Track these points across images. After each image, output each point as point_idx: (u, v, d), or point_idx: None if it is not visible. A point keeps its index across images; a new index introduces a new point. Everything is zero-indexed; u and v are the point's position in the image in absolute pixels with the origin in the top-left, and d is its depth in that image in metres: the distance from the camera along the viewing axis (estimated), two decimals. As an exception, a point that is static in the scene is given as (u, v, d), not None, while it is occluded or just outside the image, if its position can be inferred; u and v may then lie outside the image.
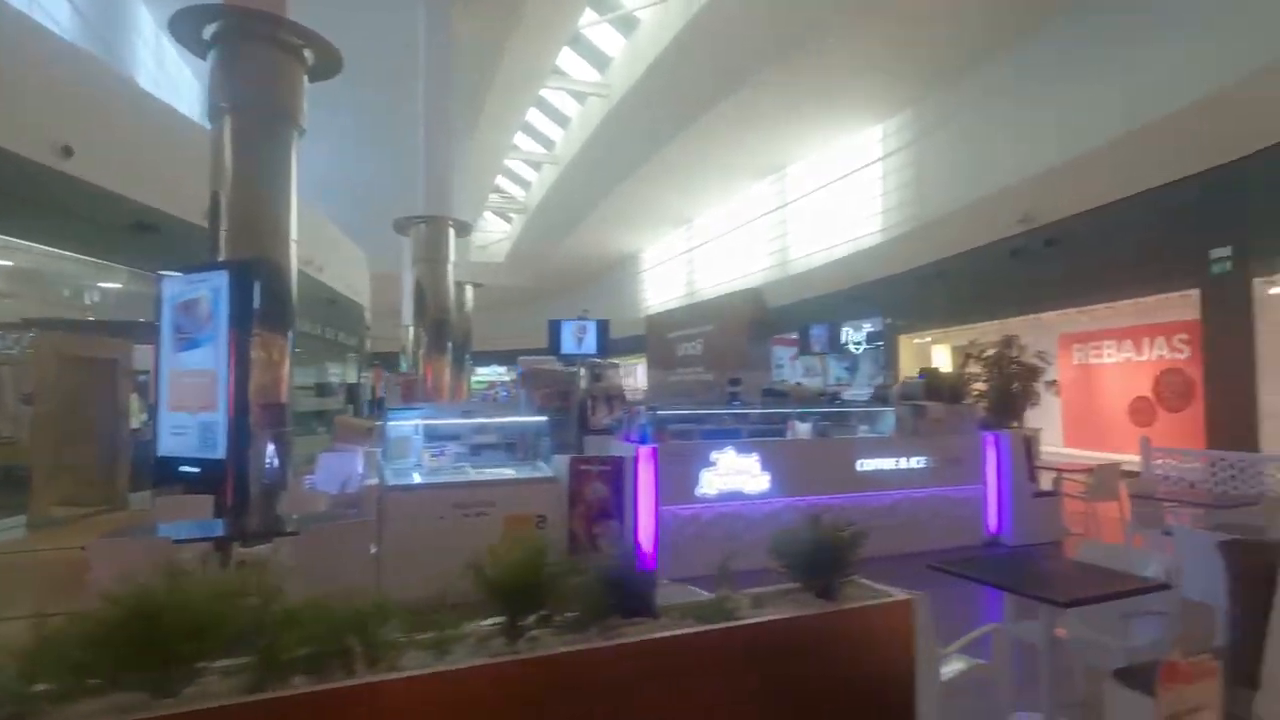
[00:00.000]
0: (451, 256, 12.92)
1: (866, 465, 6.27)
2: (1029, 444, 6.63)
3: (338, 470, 6.17)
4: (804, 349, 18.04)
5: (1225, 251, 9.23)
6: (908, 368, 16.03)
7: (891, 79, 14.88)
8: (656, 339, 25.71)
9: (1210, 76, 8.43)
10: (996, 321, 13.56)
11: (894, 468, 6.35)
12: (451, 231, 12.91)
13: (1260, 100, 8.28)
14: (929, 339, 16.14)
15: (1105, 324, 11.73)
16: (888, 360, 17.10)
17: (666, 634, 1.25)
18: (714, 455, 5.77)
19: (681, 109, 16.72)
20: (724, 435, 6.67)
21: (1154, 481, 6.06)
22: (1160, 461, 6.85)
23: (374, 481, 5.16)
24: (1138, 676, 2.33)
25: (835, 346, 13.42)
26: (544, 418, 5.84)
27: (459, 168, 14.13)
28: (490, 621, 1.18)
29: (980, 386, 9.75)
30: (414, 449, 5.57)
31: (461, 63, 13.63)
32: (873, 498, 6.27)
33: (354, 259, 18.28)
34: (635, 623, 1.24)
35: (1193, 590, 3.43)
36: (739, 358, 20.98)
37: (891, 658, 1.47)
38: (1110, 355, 11.67)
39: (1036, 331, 13.21)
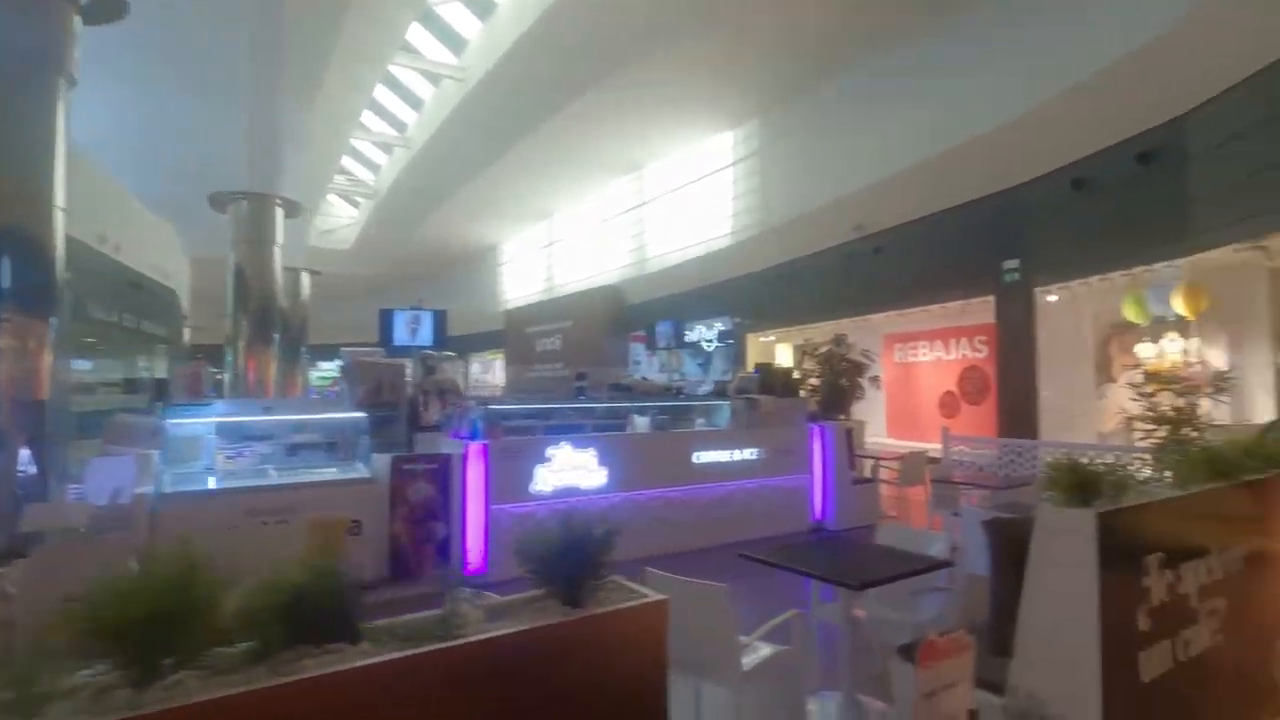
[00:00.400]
0: (279, 239, 11.72)
1: (703, 457, 6.37)
2: (850, 435, 7.07)
3: (109, 477, 5.29)
4: (651, 345, 18.30)
5: (1014, 263, 10.43)
6: (755, 364, 16.77)
7: (742, 88, 15.45)
8: (515, 334, 25.13)
9: (998, 110, 9.44)
10: (832, 322, 14.53)
11: (729, 459, 6.50)
12: (279, 211, 11.71)
13: (1035, 134, 9.39)
14: (773, 337, 16.99)
15: (921, 325, 12.91)
16: (736, 357, 17.83)
17: (365, 663, 1.04)
18: (550, 451, 5.58)
19: (540, 100, 16.35)
20: (566, 431, 6.52)
21: (951, 467, 6.67)
22: (957, 448, 7.55)
23: (146, 489, 4.44)
24: (915, 651, 2.43)
25: (680, 342, 13.69)
26: (363, 414, 5.35)
27: (292, 141, 12.85)
28: (109, 671, 0.90)
29: (814, 382, 10.35)
30: (205, 451, 4.88)
31: (296, 23, 12.39)
32: (709, 489, 6.38)
33: (164, 238, 16.15)
34: (332, 651, 1.02)
35: (974, 565, 3.73)
36: (597, 354, 21.00)
37: (644, 661, 1.36)
38: (924, 354, 12.86)
39: (865, 332, 14.30)
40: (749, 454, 6.59)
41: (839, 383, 9.70)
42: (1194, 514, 2.56)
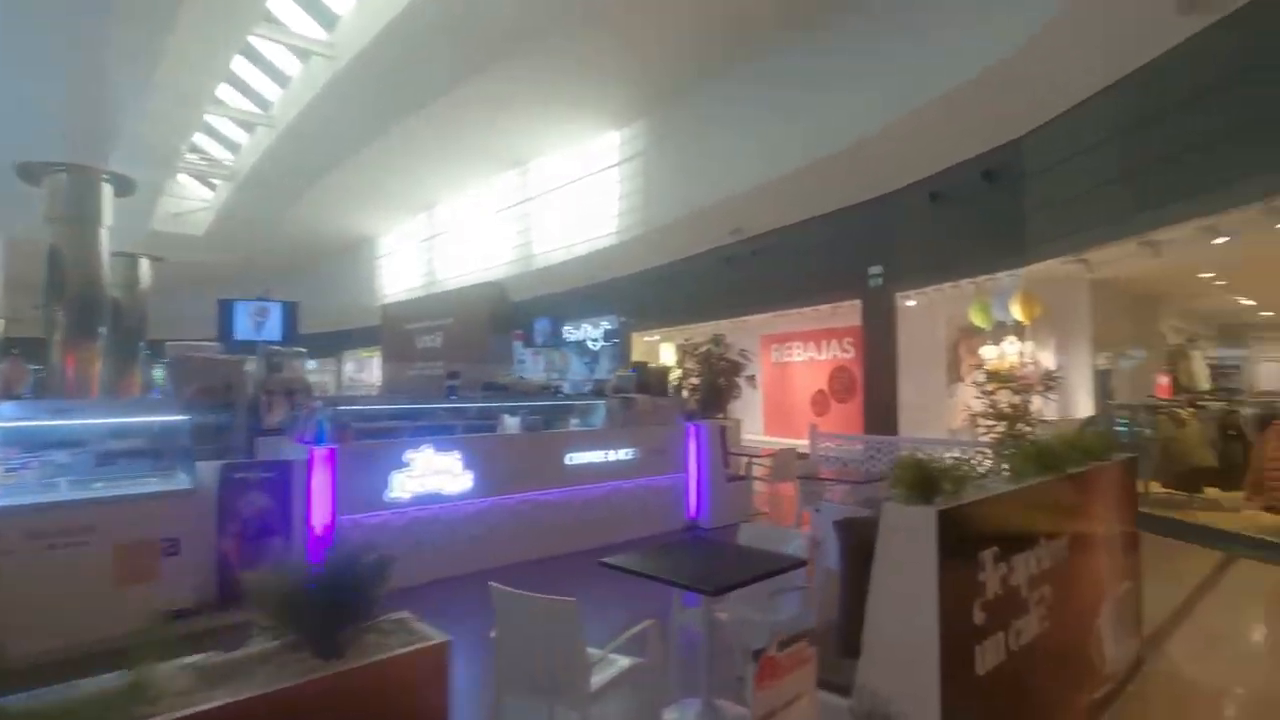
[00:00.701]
0: (107, 219, 10.32)
1: (576, 459, 6.17)
2: (724, 433, 7.12)
3: None
4: (528, 343, 17.89)
5: (878, 269, 11.02)
6: (631, 364, 16.81)
7: (629, 89, 15.40)
8: (393, 331, 23.81)
9: (862, 123, 9.92)
10: (713, 322, 14.79)
11: (603, 460, 6.34)
12: (107, 187, 10.31)
13: (895, 148, 9.95)
14: (658, 337, 17.10)
15: (795, 327, 13.40)
16: (622, 356, 17.80)
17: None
18: (408, 455, 5.17)
19: (416, 85, 15.52)
20: (435, 433, 6.11)
21: (818, 463, 6.87)
22: (824, 445, 7.81)
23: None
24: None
25: (558, 340, 13.43)
26: (185, 417, 4.70)
27: (125, 110, 11.36)
28: None
29: (694, 381, 10.44)
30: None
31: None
32: (582, 491, 6.19)
33: (-34, 214, 13.87)
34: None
35: (833, 561, 3.76)
36: (480, 352, 20.29)
37: (423, 710, 1.13)
38: (799, 354, 13.36)
39: (744, 333, 14.68)
40: (624, 454, 6.46)
41: (717, 382, 9.82)
42: (1024, 507, 2.66)
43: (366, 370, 27.10)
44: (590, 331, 19.30)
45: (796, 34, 11.51)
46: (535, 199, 20.49)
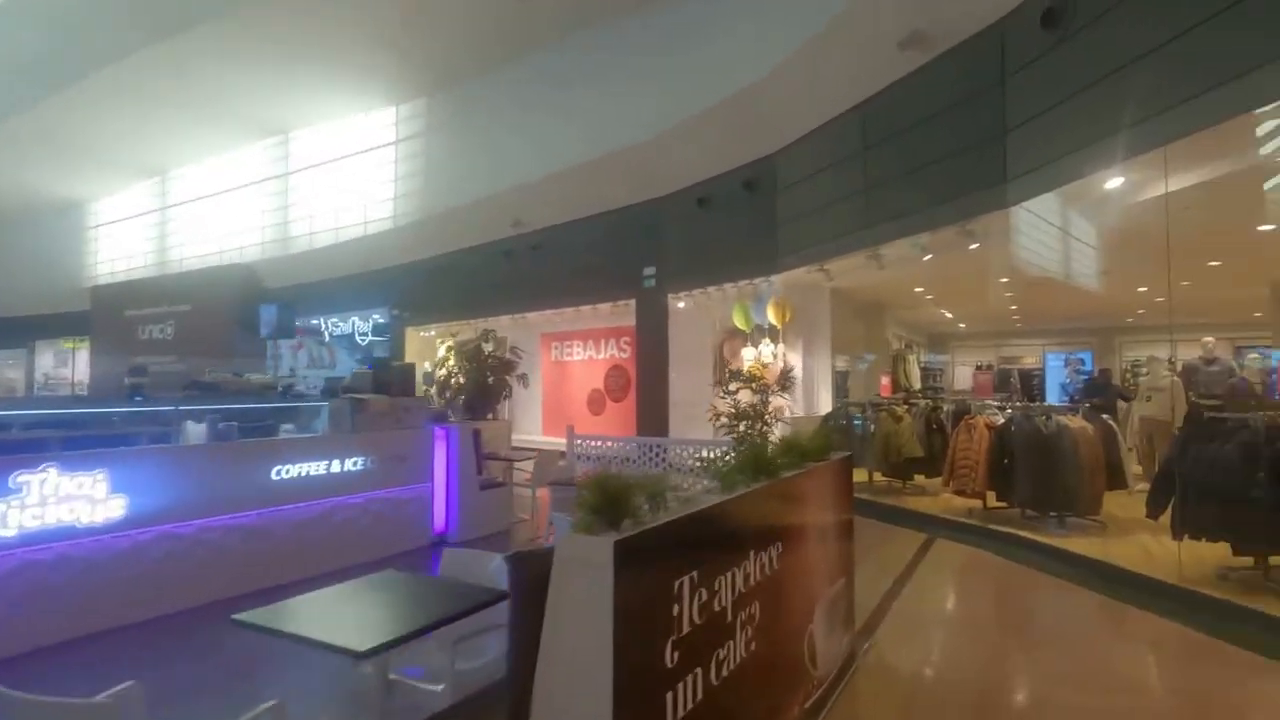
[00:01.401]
0: None
1: (288, 472, 5.10)
2: (477, 436, 6.46)
3: None
4: (251, 333, 15.60)
5: (652, 270, 11.08)
6: (416, 360, 15.45)
7: (409, 64, 14.03)
8: (109, 317, 19.58)
9: (637, 127, 9.89)
10: (492, 318, 14.00)
11: (325, 472, 5.34)
12: None
13: (666, 153, 10.06)
14: (433, 332, 15.86)
15: (575, 325, 13.12)
16: (396, 352, 16.26)
17: None
18: (20, 478, 3.79)
19: (131, 15, 12.69)
20: (108, 443, 4.69)
21: (575, 466, 6.50)
22: (586, 445, 7.48)
23: None
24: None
25: (287, 332, 11.80)
26: None
27: None
28: None
29: (461, 379, 9.61)
30: None
31: None
32: (297, 510, 5.14)
33: None
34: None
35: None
36: (223, 344, 17.36)
37: None
38: (578, 353, 13.09)
39: (524, 330, 14.10)
40: (354, 464, 5.51)
41: (485, 380, 9.11)
42: (730, 521, 2.39)
43: (69, 365, 22.01)
44: (360, 324, 17.45)
45: (582, 33, 11.22)
46: (298, 173, 18.04)
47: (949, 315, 13.77)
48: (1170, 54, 4.61)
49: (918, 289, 10.80)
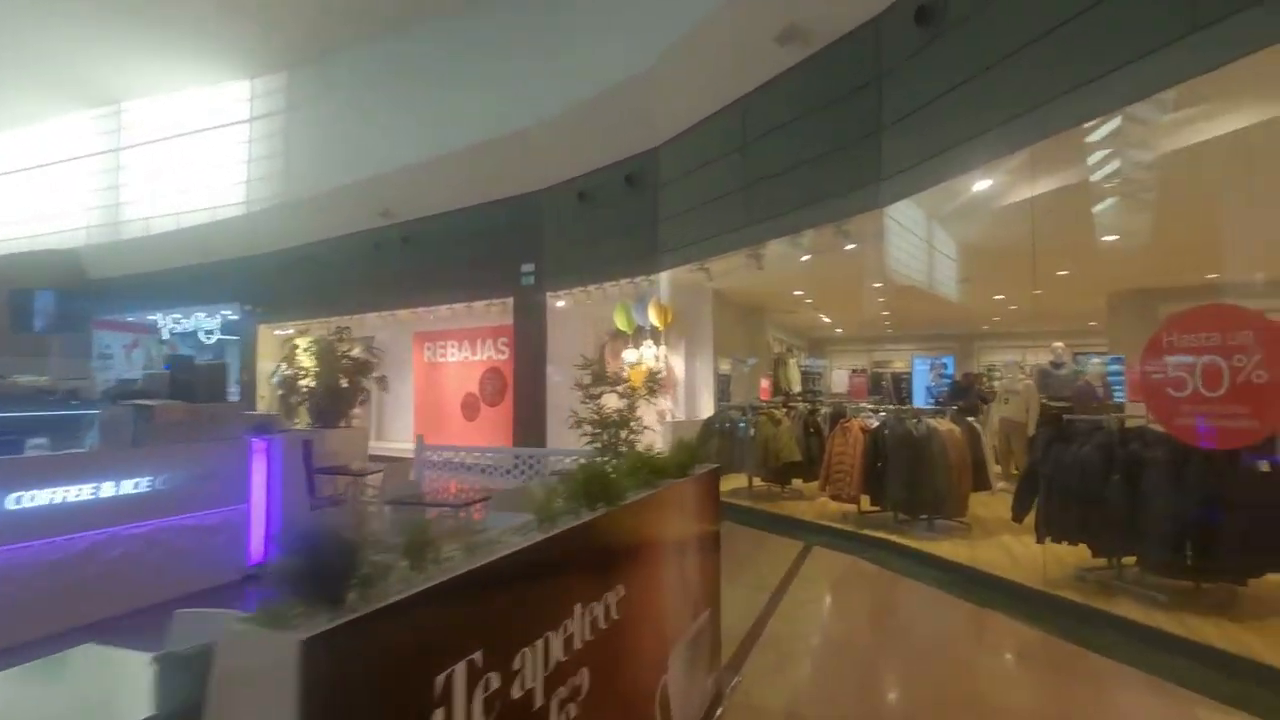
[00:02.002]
0: None
1: (34, 499, 3.98)
2: (308, 447, 5.50)
3: None
4: (15, 325, 13.45)
5: (530, 267, 10.36)
6: (272, 361, 13.82)
7: (263, 32, 12.49)
8: (-118, 308, 16.21)
9: (516, 116, 9.19)
10: (359, 316, 12.73)
11: (94, 497, 4.24)
12: None
13: (542, 144, 9.42)
14: (292, 330, 14.26)
15: (450, 324, 12.13)
16: (245, 352, 14.50)
17: None
18: None
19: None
20: None
21: (425, 479, 5.68)
22: (431, 454, 6.64)
23: None
24: None
25: (72, 325, 10.15)
26: None
27: None
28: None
29: (310, 383, 8.46)
30: None
31: None
32: (46, 547, 4.02)
33: None
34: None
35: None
36: (35, 342, 14.81)
37: None
38: (454, 354, 12.11)
39: (394, 328, 12.91)
40: (135, 485, 4.44)
41: (338, 383, 8.03)
42: (541, 570, 1.78)
43: None
44: (204, 321, 15.47)
45: (462, 11, 10.33)
46: (133, 149, 15.76)
47: (827, 319, 14.00)
48: (1034, 55, 4.53)
49: (797, 292, 10.77)
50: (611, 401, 4.30)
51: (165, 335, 15.98)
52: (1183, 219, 5.94)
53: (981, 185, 5.50)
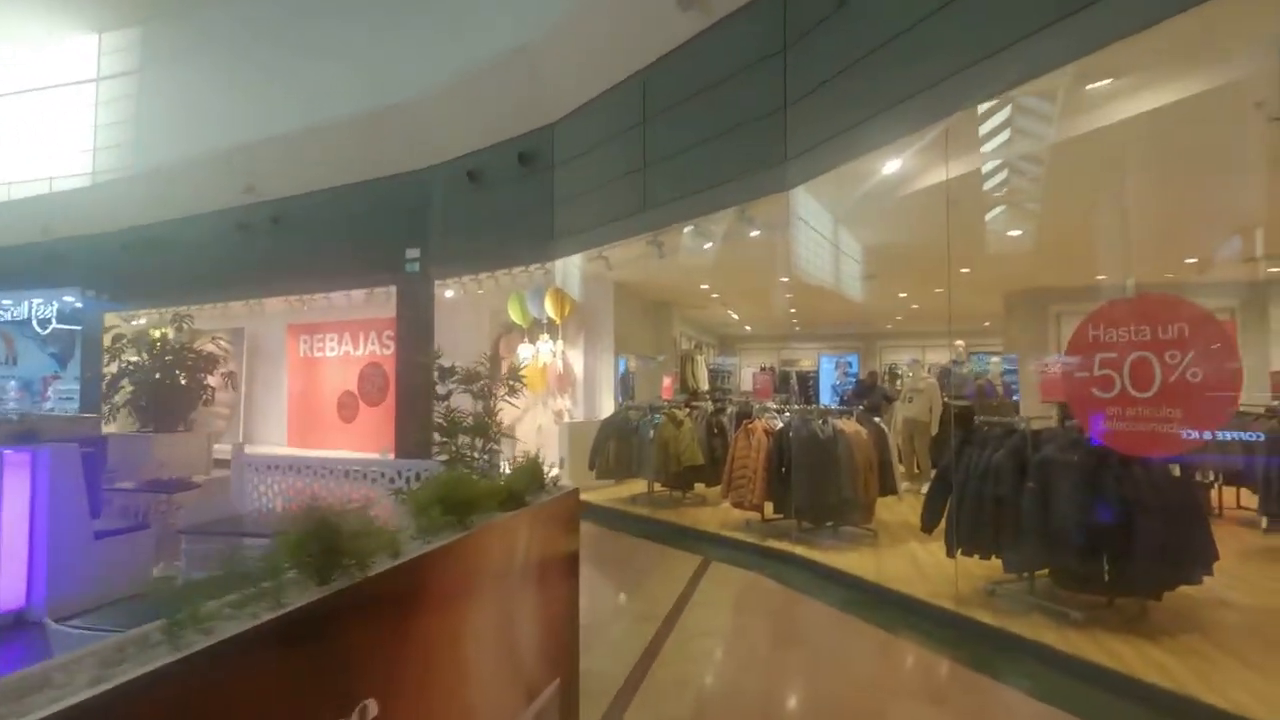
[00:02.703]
0: None
1: None
2: (92, 460, 4.34)
3: None
4: None
5: (416, 252, 9.27)
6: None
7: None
8: None
9: (400, 83, 8.17)
10: (222, 304, 11.20)
11: None
12: None
13: (429, 117, 8.41)
14: (144, 320, 12.43)
15: (329, 316, 10.81)
16: (87, 345, 12.53)
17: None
18: None
19: None
20: None
21: (233, 504, 4.61)
22: (255, 476, 5.51)
23: None
24: None
25: None
26: None
27: None
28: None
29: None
30: None
31: None
32: None
33: None
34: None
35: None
36: None
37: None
38: (333, 349, 10.80)
39: (266, 320, 11.45)
40: None
41: (174, 381, 6.74)
42: (242, 679, 0.95)
43: None
44: (41, 309, 13.27)
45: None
46: (-51, 107, 13.36)
47: (735, 316, 13.62)
48: (935, 28, 4.05)
49: (703, 285, 10.22)
50: (465, 402, 3.60)
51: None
52: (1072, 216, 5.74)
53: (889, 169, 5.03)
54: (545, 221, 7.88)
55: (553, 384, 8.60)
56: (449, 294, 9.17)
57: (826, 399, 13.55)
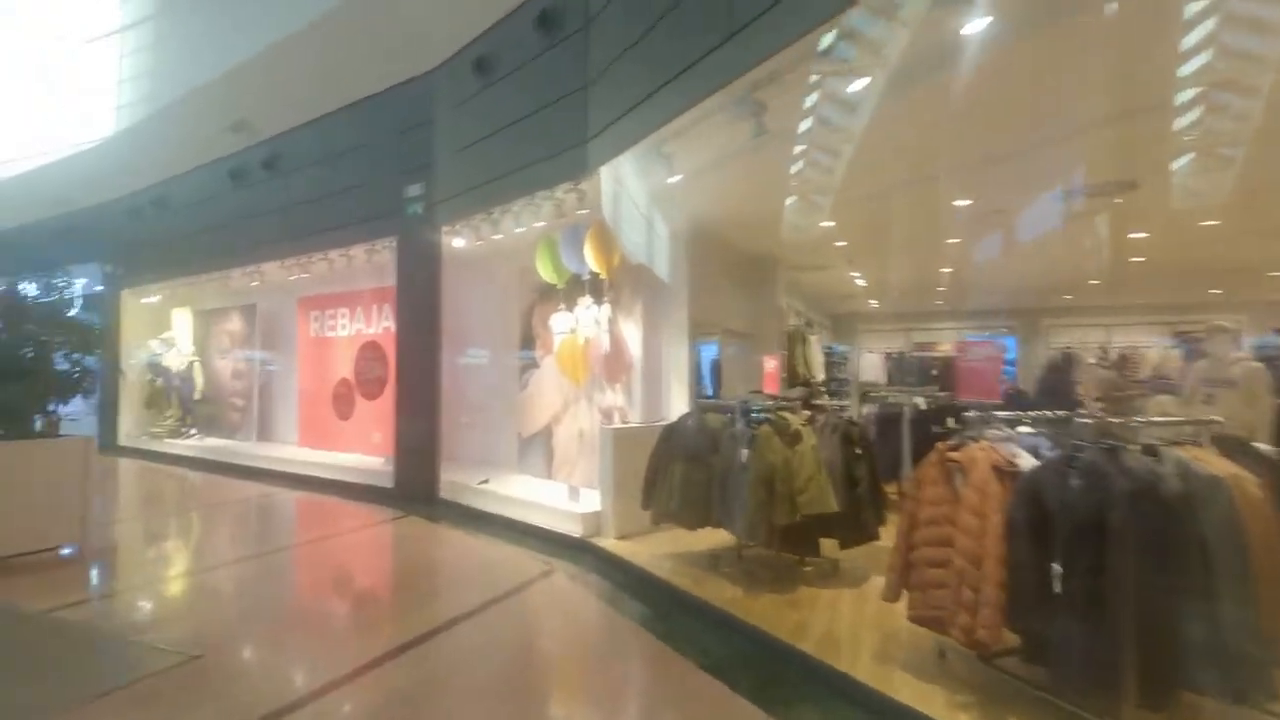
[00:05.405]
0: None
1: None
2: None
3: None
4: None
5: (418, 189, 6.63)
6: (137, 338, 10.40)
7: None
8: None
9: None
10: (221, 273, 9.14)
11: None
12: None
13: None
14: (158, 298, 10.69)
15: (332, 287, 8.44)
16: (108, 327, 10.98)
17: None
18: None
19: None
20: None
21: None
22: None
23: None
24: None
25: None
26: None
27: None
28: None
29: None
30: None
31: None
32: None
33: None
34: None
35: None
36: None
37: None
38: (343, 325, 8.43)
39: (274, 292, 9.31)
40: None
41: (19, 359, 4.43)
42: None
43: None
44: (68, 290, 11.91)
45: None
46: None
47: (862, 282, 10.10)
48: None
49: (827, 223, 6.86)
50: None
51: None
52: None
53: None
54: (578, 115, 4.95)
55: (598, 370, 5.69)
56: (458, 242, 6.44)
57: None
